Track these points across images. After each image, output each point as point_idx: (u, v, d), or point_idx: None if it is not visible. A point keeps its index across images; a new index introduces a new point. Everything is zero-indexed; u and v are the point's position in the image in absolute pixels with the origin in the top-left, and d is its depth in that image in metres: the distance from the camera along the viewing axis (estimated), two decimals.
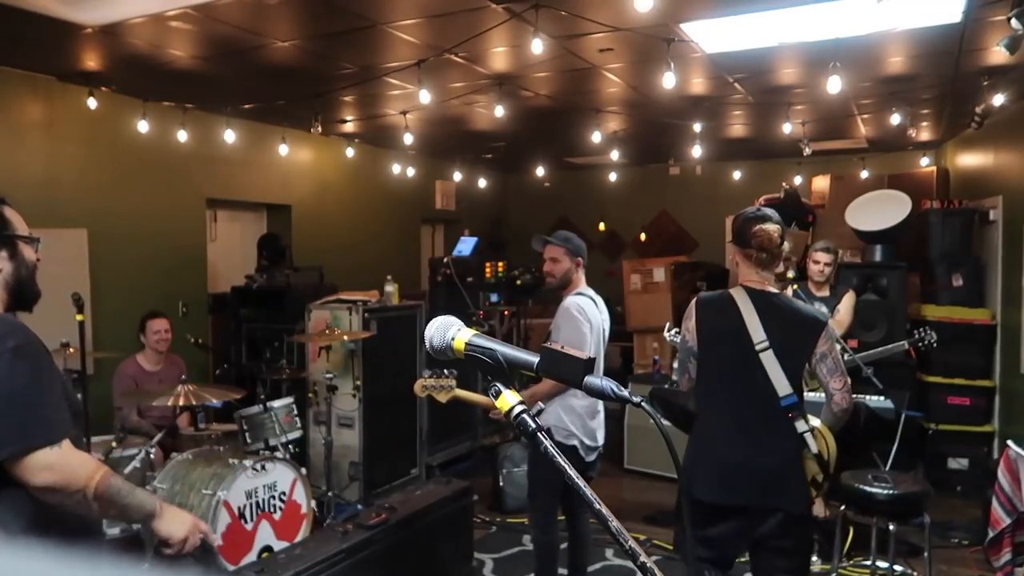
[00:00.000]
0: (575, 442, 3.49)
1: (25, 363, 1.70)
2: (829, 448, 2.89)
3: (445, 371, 3.33)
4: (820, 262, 5.13)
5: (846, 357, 5.01)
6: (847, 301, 5.20)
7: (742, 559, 2.94)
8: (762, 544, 2.70)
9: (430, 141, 8.03)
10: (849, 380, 2.85)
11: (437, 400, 3.35)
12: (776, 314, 2.72)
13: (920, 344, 5.02)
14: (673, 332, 4.09)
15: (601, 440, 3.65)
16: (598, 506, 1.12)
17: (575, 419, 3.50)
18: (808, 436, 2.75)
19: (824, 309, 5.12)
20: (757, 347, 2.68)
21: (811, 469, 2.77)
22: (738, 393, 2.73)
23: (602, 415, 3.65)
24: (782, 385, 2.68)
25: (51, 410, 1.72)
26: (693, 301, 2.91)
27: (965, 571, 4.49)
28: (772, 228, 2.72)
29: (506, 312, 7.24)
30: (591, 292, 3.65)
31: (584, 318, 3.47)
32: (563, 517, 3.72)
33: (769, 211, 2.77)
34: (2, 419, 1.65)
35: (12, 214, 1.92)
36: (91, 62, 4.86)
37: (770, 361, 2.68)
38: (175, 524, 1.96)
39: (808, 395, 4.65)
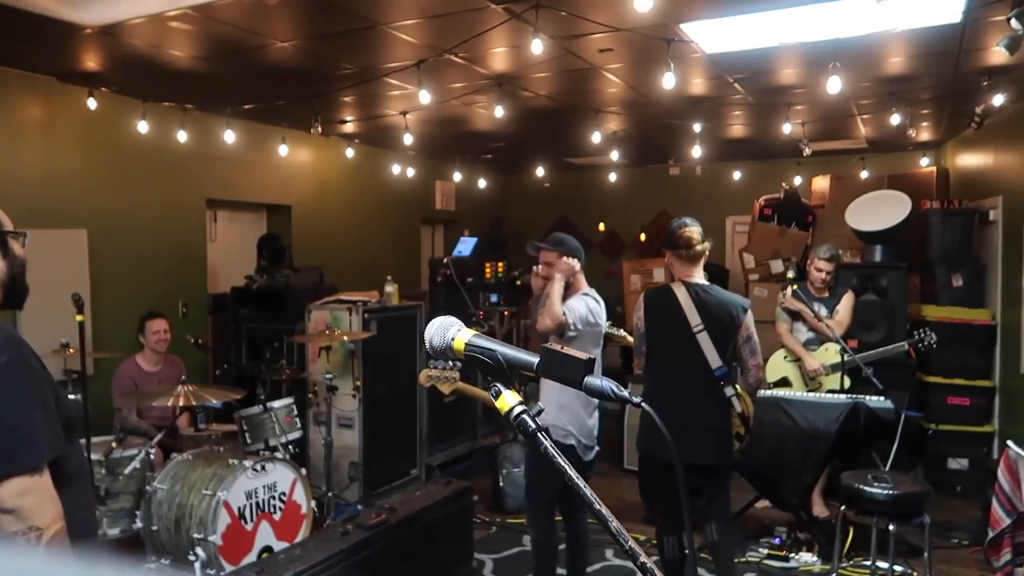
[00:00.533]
0: (572, 441, 3.49)
1: (16, 381, 1.62)
2: (748, 409, 3.76)
3: (450, 363, 3.32)
4: (823, 270, 5.13)
5: (846, 357, 5.03)
6: (846, 301, 5.21)
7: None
8: (697, 493, 3.45)
9: (430, 141, 8.03)
10: (762, 361, 3.68)
11: (440, 391, 3.37)
12: (707, 301, 3.47)
13: (920, 345, 5.03)
14: (613, 327, 4.38)
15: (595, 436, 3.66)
16: (598, 506, 1.12)
17: (571, 417, 3.50)
18: (735, 399, 3.56)
19: (824, 311, 5.12)
20: (694, 329, 3.43)
21: (736, 424, 3.62)
22: (680, 367, 3.47)
23: (597, 412, 3.66)
24: (714, 359, 3.43)
25: (40, 431, 1.63)
26: (642, 295, 3.67)
27: (965, 571, 4.49)
28: (694, 230, 3.52)
29: (506, 312, 7.24)
30: (594, 293, 3.65)
31: (594, 318, 3.53)
32: (560, 518, 3.71)
33: (690, 219, 3.57)
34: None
35: None
36: (91, 62, 4.86)
37: (704, 340, 3.43)
38: None
39: (812, 396, 4.69)
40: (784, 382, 5.25)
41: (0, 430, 1.57)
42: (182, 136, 5.98)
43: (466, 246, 7.08)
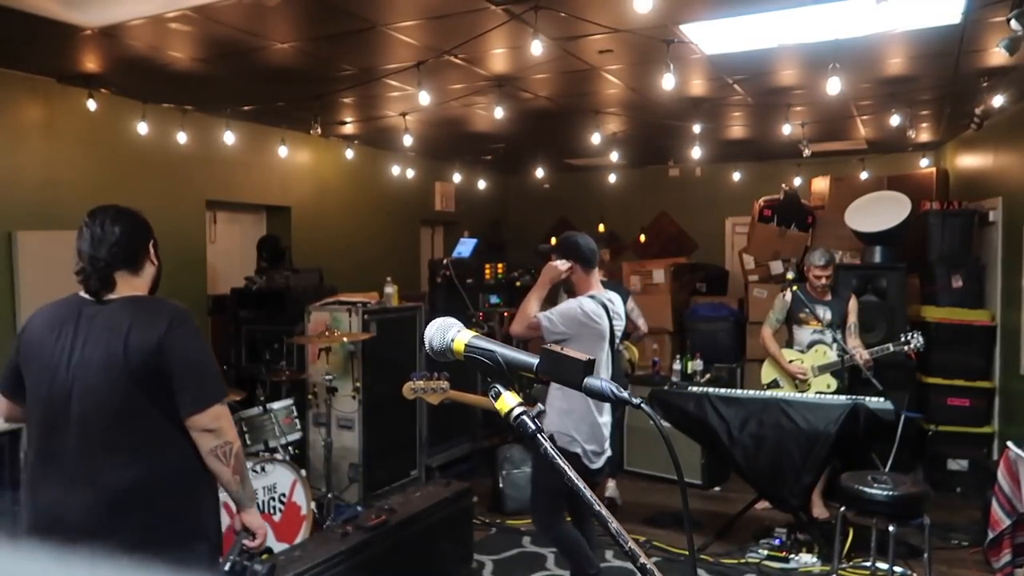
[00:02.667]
0: (577, 449, 3.39)
1: (199, 336, 2.27)
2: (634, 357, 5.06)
3: (435, 373, 3.30)
4: (820, 276, 5.11)
5: (845, 358, 5.04)
6: (853, 315, 5.17)
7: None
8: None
9: (430, 143, 8.03)
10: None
11: (428, 402, 3.32)
12: None
13: (906, 347, 4.98)
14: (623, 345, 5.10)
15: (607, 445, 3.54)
16: (598, 507, 1.12)
17: (576, 423, 3.40)
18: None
19: (828, 315, 5.11)
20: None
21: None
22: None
23: (608, 416, 3.53)
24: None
25: (220, 374, 2.32)
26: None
27: (965, 572, 4.49)
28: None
29: (506, 314, 7.22)
30: (604, 295, 3.52)
31: (580, 313, 3.38)
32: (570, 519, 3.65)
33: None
34: (203, 378, 2.20)
35: None
36: (90, 64, 4.86)
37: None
38: (259, 520, 2.40)
39: (812, 397, 4.69)
40: (775, 384, 5.25)
41: (205, 369, 2.23)
42: (182, 137, 5.98)
43: (466, 247, 7.09)
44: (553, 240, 3.86)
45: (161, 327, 2.17)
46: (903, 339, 4.98)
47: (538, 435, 1.17)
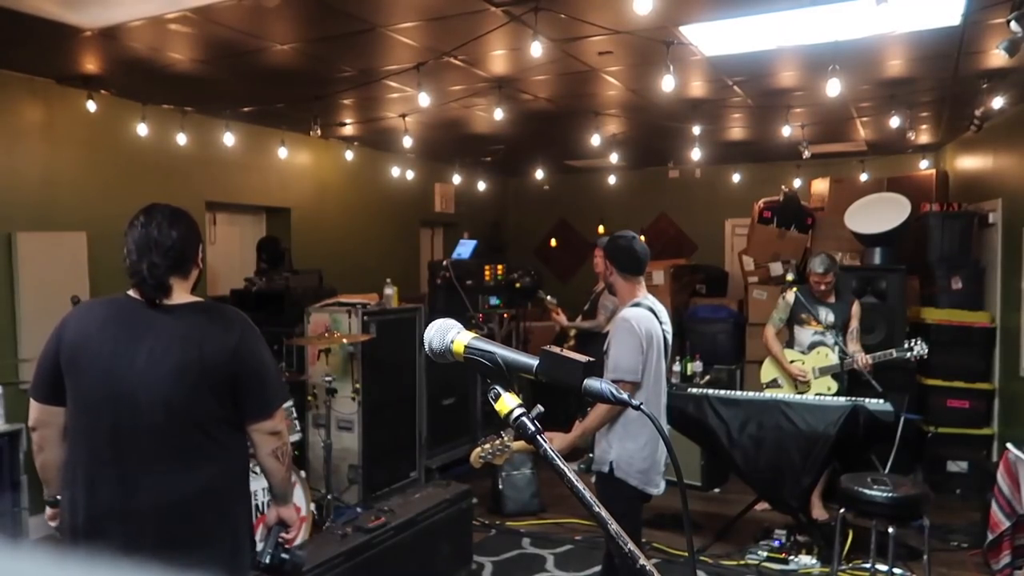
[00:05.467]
0: (635, 482, 3.13)
1: (263, 340, 2.32)
2: None
3: (502, 433, 2.98)
4: (821, 282, 5.10)
5: (846, 361, 5.04)
6: (855, 321, 5.18)
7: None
8: None
9: (429, 144, 8.03)
10: None
11: (495, 465, 3.09)
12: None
13: (909, 354, 4.95)
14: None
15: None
16: (597, 508, 1.12)
17: (636, 456, 3.13)
18: None
19: (830, 317, 5.11)
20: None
21: None
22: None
23: (645, 438, 3.15)
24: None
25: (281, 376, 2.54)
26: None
27: (964, 574, 4.48)
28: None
29: (505, 315, 7.23)
30: (649, 301, 3.26)
31: (640, 333, 3.11)
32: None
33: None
34: (271, 382, 2.29)
35: None
36: (90, 65, 4.86)
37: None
38: (295, 514, 2.51)
39: (812, 399, 4.67)
40: (775, 383, 5.26)
41: (272, 373, 2.31)
42: (181, 139, 5.98)
43: (465, 248, 7.08)
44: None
45: (235, 335, 2.21)
46: (907, 345, 4.97)
47: (538, 436, 1.17)
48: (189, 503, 2.13)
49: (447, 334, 1.27)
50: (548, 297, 6.56)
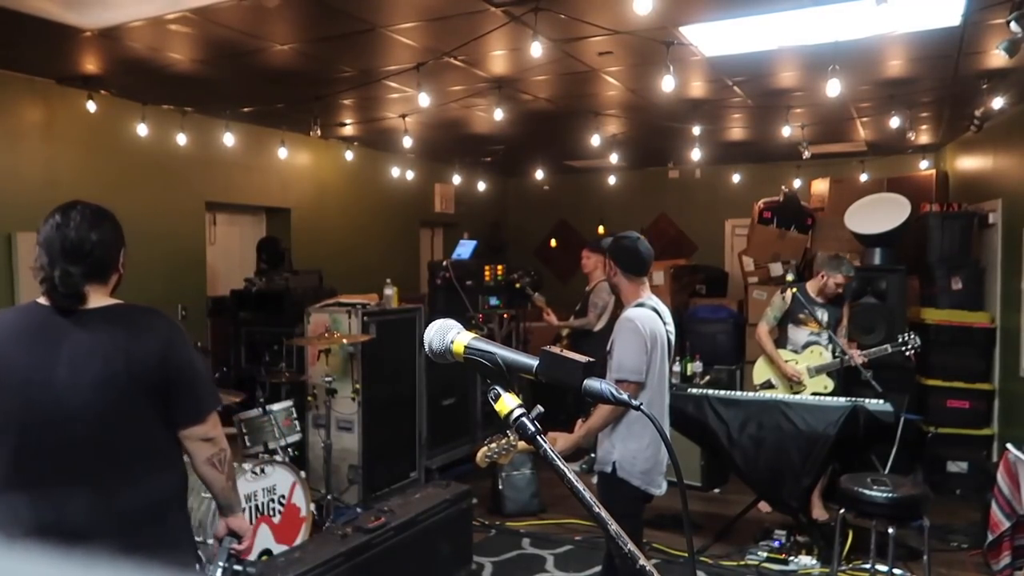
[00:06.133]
0: (637, 482, 3.15)
1: (190, 343, 2.24)
2: None
3: (508, 432, 3.02)
4: (842, 285, 5.14)
5: (844, 359, 5.04)
6: (846, 313, 5.34)
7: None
8: None
9: (429, 144, 8.03)
10: None
11: (499, 464, 3.10)
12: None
13: (903, 348, 5.01)
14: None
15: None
16: (597, 509, 1.12)
17: (639, 456, 3.14)
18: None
19: (825, 316, 5.11)
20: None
21: None
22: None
23: (647, 438, 3.16)
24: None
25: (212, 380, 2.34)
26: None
27: (964, 574, 4.48)
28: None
29: (505, 315, 7.22)
30: (653, 302, 3.24)
31: (644, 334, 3.10)
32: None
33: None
34: (202, 386, 2.18)
35: None
36: (90, 65, 4.86)
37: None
38: (246, 524, 2.35)
39: (811, 399, 4.66)
40: (768, 384, 5.25)
41: (202, 377, 2.20)
42: (181, 139, 5.98)
43: (465, 249, 7.07)
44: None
45: (162, 339, 2.10)
46: (900, 340, 5.01)
47: (537, 436, 1.17)
48: (138, 517, 2.03)
49: (447, 334, 1.27)
50: (536, 295, 6.57)
